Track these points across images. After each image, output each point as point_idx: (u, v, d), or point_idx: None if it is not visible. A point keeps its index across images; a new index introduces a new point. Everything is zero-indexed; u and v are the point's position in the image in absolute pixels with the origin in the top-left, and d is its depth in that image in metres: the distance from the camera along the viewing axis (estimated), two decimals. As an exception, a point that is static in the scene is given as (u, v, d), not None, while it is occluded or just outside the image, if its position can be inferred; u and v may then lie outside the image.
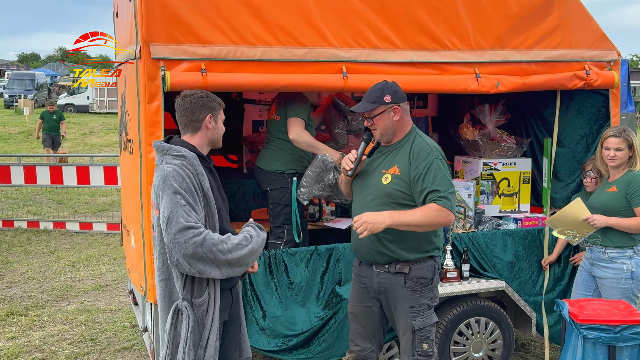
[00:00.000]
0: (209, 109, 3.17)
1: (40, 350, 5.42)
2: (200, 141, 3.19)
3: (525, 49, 4.48)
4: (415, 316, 3.55)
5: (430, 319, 3.59)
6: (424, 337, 3.56)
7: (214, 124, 3.19)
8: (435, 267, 3.60)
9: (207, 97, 3.18)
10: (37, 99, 36.57)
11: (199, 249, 2.87)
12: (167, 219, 2.89)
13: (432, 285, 3.59)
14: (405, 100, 3.59)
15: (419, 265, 3.54)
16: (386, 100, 3.50)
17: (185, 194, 2.93)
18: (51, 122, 15.93)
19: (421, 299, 3.56)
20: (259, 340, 4.04)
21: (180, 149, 3.06)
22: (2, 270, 7.92)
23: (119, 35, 4.85)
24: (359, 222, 3.36)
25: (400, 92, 3.57)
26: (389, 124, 3.54)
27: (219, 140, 3.27)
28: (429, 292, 3.58)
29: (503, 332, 4.64)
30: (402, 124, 3.58)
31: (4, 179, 10.27)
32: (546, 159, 5.08)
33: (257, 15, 3.85)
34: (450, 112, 6.10)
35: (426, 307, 3.58)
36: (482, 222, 4.98)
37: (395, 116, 3.53)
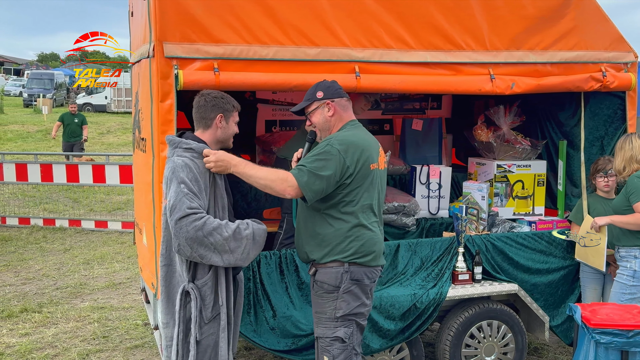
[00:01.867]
0: (221, 109, 3.33)
1: (53, 347, 5.46)
2: (210, 138, 3.36)
3: (541, 50, 4.44)
4: (317, 322, 3.47)
5: (330, 330, 3.38)
6: (324, 349, 3.42)
7: (224, 124, 3.35)
8: (343, 276, 3.35)
9: (221, 98, 3.34)
10: (56, 98, 36.92)
11: (199, 232, 3.04)
12: (172, 207, 3.07)
13: (336, 294, 3.36)
14: (341, 96, 3.51)
15: (323, 269, 3.40)
16: (318, 96, 3.49)
17: (190, 183, 3.11)
18: (72, 126, 14.23)
19: (323, 307, 3.41)
20: (269, 339, 4.03)
21: (190, 142, 3.25)
22: (18, 267, 7.99)
23: (134, 34, 4.88)
24: (210, 156, 3.23)
25: (334, 88, 3.51)
26: (322, 119, 3.50)
27: (229, 140, 3.42)
28: (332, 302, 3.37)
29: (515, 336, 4.60)
30: (338, 120, 3.50)
31: (21, 176, 10.38)
32: (561, 161, 5.03)
33: (270, 15, 3.85)
34: (464, 113, 6.07)
35: (328, 317, 3.39)
36: (496, 225, 4.94)
37: (329, 112, 3.48)
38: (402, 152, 5.75)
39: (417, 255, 4.41)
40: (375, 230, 3.46)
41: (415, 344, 4.40)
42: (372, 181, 3.42)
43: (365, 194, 3.39)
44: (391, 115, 6.01)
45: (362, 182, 3.36)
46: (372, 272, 3.43)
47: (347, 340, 3.39)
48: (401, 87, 4.18)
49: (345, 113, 3.54)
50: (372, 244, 3.41)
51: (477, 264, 4.48)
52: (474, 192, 4.98)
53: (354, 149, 3.33)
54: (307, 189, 3.27)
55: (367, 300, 3.44)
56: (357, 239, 3.36)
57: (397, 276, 4.35)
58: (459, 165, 6.07)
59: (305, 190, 3.27)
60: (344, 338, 3.38)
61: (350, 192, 3.35)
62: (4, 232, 9.81)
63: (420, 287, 4.33)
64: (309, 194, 3.27)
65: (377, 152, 3.50)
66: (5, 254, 8.58)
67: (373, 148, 3.46)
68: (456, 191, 5.66)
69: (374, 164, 3.43)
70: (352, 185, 3.34)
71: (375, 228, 3.45)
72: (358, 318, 3.42)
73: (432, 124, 5.81)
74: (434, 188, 5.27)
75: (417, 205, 5.11)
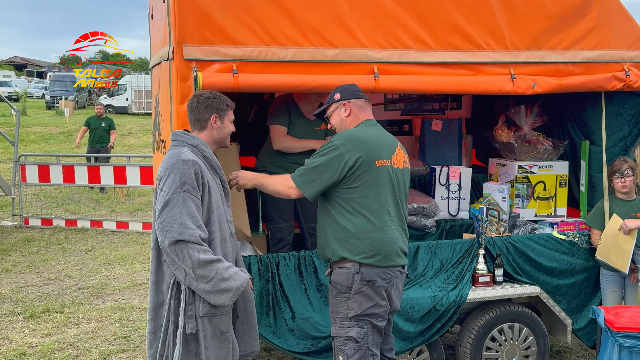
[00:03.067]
0: (215, 110, 3.32)
1: (75, 347, 5.51)
2: (207, 139, 3.34)
3: (562, 49, 4.39)
4: (333, 322, 3.49)
5: (344, 330, 3.40)
6: (338, 348, 3.44)
7: (219, 124, 3.34)
8: (354, 277, 3.36)
9: (214, 98, 3.33)
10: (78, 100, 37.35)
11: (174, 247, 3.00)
12: (165, 203, 3.04)
13: (349, 294, 3.37)
14: (358, 97, 3.57)
15: (337, 269, 3.43)
16: (335, 98, 3.57)
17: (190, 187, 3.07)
18: (99, 131, 12.98)
19: (337, 307, 3.44)
20: (288, 341, 4.03)
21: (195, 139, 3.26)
22: (40, 267, 8.09)
23: (154, 37, 4.91)
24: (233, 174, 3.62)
25: (351, 90, 3.58)
26: (339, 120, 3.58)
27: (226, 139, 3.43)
28: (345, 302, 3.39)
29: (537, 339, 4.55)
30: (353, 120, 3.55)
31: (43, 178, 10.51)
32: (583, 162, 4.97)
33: (288, 16, 3.85)
34: (484, 113, 6.02)
35: (342, 317, 3.41)
36: (517, 226, 4.90)
37: (345, 112, 3.55)
38: (422, 153, 5.73)
39: (437, 257, 4.38)
40: (387, 230, 3.40)
41: (435, 347, 4.37)
42: (380, 178, 3.39)
43: (374, 191, 3.37)
44: (410, 115, 5.98)
45: (368, 177, 3.35)
46: (386, 272, 3.40)
47: (360, 341, 3.39)
48: (420, 87, 4.16)
49: (362, 113, 3.57)
50: (382, 243, 3.37)
51: (498, 266, 4.44)
52: (494, 193, 4.93)
53: (355, 143, 3.36)
54: (303, 185, 3.39)
55: (381, 301, 3.41)
56: (364, 239, 3.35)
57: (416, 278, 4.32)
58: (479, 166, 6.02)
59: (302, 188, 3.39)
60: (357, 338, 3.38)
61: (353, 188, 3.36)
62: (27, 233, 9.94)
63: (440, 289, 4.30)
64: (305, 190, 3.39)
65: (389, 149, 3.47)
66: (28, 255, 8.69)
67: (383, 145, 3.45)
68: (476, 192, 5.61)
69: (382, 160, 3.40)
70: (355, 180, 3.35)
71: (387, 228, 3.40)
72: (372, 319, 3.40)
73: (451, 125, 5.77)
74: (453, 189, 5.23)
75: (437, 207, 5.08)
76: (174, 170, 3.08)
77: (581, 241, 4.62)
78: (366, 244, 3.35)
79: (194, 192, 3.08)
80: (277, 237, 4.86)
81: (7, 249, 8.90)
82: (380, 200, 3.39)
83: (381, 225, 3.39)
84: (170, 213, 3.03)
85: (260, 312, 3.98)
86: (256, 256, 4.03)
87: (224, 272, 3.08)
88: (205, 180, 3.16)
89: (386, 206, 3.41)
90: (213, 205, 3.20)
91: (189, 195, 3.06)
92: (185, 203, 3.04)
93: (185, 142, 3.24)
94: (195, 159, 3.15)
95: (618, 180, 4.55)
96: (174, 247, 3.01)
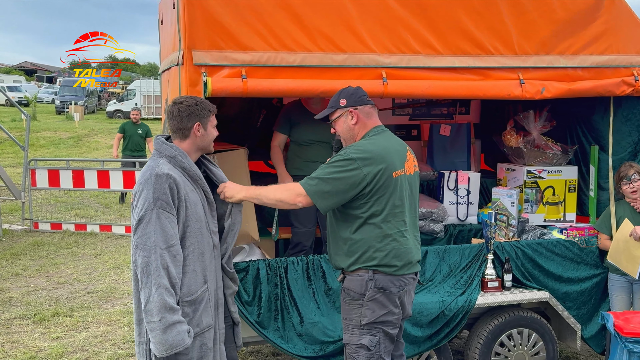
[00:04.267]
0: (197, 117, 3.21)
1: (84, 351, 5.53)
2: (189, 147, 3.24)
3: (571, 54, 4.39)
4: (345, 328, 3.45)
5: (356, 337, 3.36)
6: (350, 355, 3.41)
7: (202, 131, 3.25)
8: (368, 284, 3.32)
9: (195, 105, 3.23)
10: (87, 105, 37.59)
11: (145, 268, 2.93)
12: (139, 220, 2.97)
13: (362, 301, 3.34)
14: (365, 104, 3.46)
15: (351, 276, 3.39)
16: (341, 104, 3.46)
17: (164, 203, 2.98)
18: (135, 138, 11.92)
19: (350, 313, 3.40)
20: (297, 345, 4.03)
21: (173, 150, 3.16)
22: (50, 271, 8.13)
23: (164, 42, 4.94)
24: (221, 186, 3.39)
25: (358, 95, 3.46)
26: (346, 128, 3.47)
27: (209, 145, 3.33)
28: (358, 309, 3.35)
29: (546, 344, 4.53)
30: (361, 128, 3.46)
31: (53, 182, 10.56)
32: (592, 167, 4.95)
33: (297, 21, 3.86)
34: (493, 118, 6.01)
35: (354, 324, 3.37)
36: (526, 231, 4.88)
37: (352, 120, 3.44)
38: (430, 158, 5.72)
39: (445, 262, 4.38)
40: (404, 239, 3.37)
41: (443, 352, 4.36)
42: (396, 189, 3.34)
43: (390, 202, 3.32)
44: (419, 120, 5.98)
45: (385, 191, 3.29)
46: (401, 280, 3.37)
47: (372, 349, 3.36)
48: (429, 92, 4.16)
49: (369, 120, 3.48)
50: (399, 254, 3.34)
51: (506, 271, 4.42)
52: (503, 198, 4.92)
53: (372, 157, 3.27)
54: (316, 196, 3.26)
55: (394, 308, 3.38)
56: (381, 250, 3.31)
57: (425, 283, 4.32)
58: (488, 171, 6.01)
59: (315, 198, 3.26)
60: (369, 346, 3.35)
61: (371, 201, 3.29)
62: (37, 237, 9.99)
63: (449, 294, 4.29)
64: (319, 201, 3.26)
65: (401, 157, 3.42)
66: (37, 259, 8.73)
67: (396, 154, 3.39)
68: (485, 197, 5.60)
69: (398, 171, 3.35)
70: (372, 194, 3.28)
71: (403, 237, 3.37)
72: (385, 326, 3.38)
73: (460, 130, 5.77)
74: (462, 194, 5.23)
75: (445, 212, 5.08)
76: (147, 186, 3.00)
77: (581, 241, 4.60)
78: (382, 255, 3.32)
79: (168, 207, 3.00)
80: (294, 241, 4.90)
81: (17, 253, 8.95)
82: (396, 211, 3.34)
83: (397, 237, 3.35)
84: (145, 231, 2.95)
85: (268, 317, 3.98)
86: (264, 260, 4.04)
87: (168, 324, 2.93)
88: (181, 194, 3.07)
89: (402, 217, 3.37)
90: (190, 219, 3.12)
91: (163, 211, 2.98)
92: (160, 220, 2.96)
93: (163, 153, 3.16)
94: (170, 172, 3.05)
95: (626, 186, 4.53)
96: (145, 267, 2.94)
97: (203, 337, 3.19)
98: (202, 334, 3.18)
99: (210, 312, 3.24)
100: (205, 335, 3.20)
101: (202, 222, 3.19)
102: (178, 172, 3.12)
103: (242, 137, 5.36)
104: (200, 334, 3.17)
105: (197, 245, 3.15)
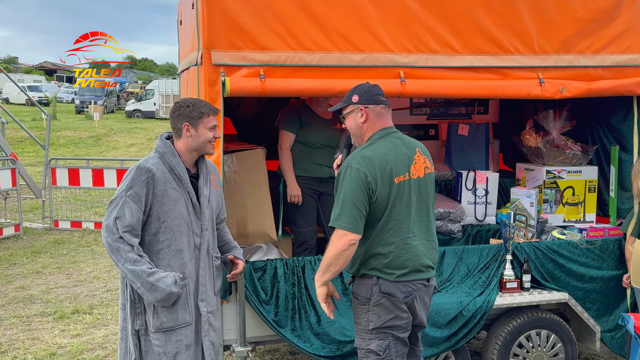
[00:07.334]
0: (187, 118, 3.31)
1: (103, 348, 5.59)
2: (183, 147, 3.36)
3: (592, 53, 4.35)
4: (356, 333, 3.43)
5: (365, 342, 3.33)
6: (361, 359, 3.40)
7: (193, 132, 3.33)
8: (373, 289, 3.28)
9: (187, 107, 3.33)
10: (107, 105, 37.93)
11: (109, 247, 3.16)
12: (110, 202, 3.21)
13: (368, 306, 3.30)
14: (377, 103, 3.35)
15: (358, 281, 3.37)
16: (353, 100, 3.36)
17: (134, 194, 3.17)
18: None
19: (358, 318, 3.37)
20: (314, 345, 4.04)
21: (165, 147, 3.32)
22: (70, 269, 8.22)
23: (183, 42, 4.97)
24: None
25: (371, 94, 3.35)
26: (354, 125, 3.38)
27: (204, 146, 3.38)
28: (365, 314, 3.32)
29: (565, 346, 4.49)
30: (369, 128, 3.36)
31: (73, 181, 10.67)
32: (613, 167, 4.90)
33: (315, 21, 3.87)
34: (512, 118, 5.96)
35: (363, 329, 3.34)
36: (545, 232, 4.84)
37: (361, 118, 3.34)
38: (448, 158, 5.70)
39: (463, 262, 4.36)
40: (408, 246, 3.29)
41: (461, 353, 4.34)
42: (399, 196, 3.25)
43: (391, 209, 3.24)
44: (437, 120, 5.96)
45: (387, 198, 3.22)
46: (407, 286, 3.30)
47: (382, 354, 3.31)
48: (447, 92, 4.14)
49: (379, 121, 3.37)
50: (402, 261, 3.27)
51: (525, 271, 4.39)
52: (522, 199, 4.89)
53: (371, 165, 3.20)
54: (353, 226, 3.17)
55: (402, 313, 3.31)
56: (383, 256, 3.26)
57: (442, 283, 4.30)
58: (507, 171, 5.97)
59: (355, 229, 3.17)
60: (377, 351, 3.30)
61: (371, 208, 3.23)
62: (57, 235, 10.10)
63: (467, 295, 4.27)
64: (357, 229, 3.18)
65: (406, 161, 3.30)
66: (57, 257, 8.83)
67: (399, 158, 3.28)
68: (504, 197, 5.57)
69: (400, 176, 3.26)
70: (374, 202, 3.22)
71: (407, 245, 3.29)
72: (394, 331, 3.32)
73: (478, 129, 5.74)
74: (480, 194, 5.20)
75: (463, 212, 5.05)
76: (129, 175, 3.23)
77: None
78: (385, 262, 3.26)
79: (136, 199, 3.17)
80: (299, 240, 4.90)
81: (37, 251, 9.06)
82: (399, 218, 3.26)
83: (400, 244, 3.27)
84: (109, 213, 3.19)
85: (285, 315, 4.00)
86: (282, 259, 4.05)
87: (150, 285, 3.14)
88: (158, 190, 3.22)
89: (406, 223, 3.29)
90: (168, 215, 3.25)
91: (131, 200, 3.16)
92: (124, 206, 3.16)
93: (157, 149, 3.34)
94: (152, 167, 3.23)
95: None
96: (109, 247, 3.16)
97: (179, 333, 3.29)
98: (177, 329, 3.29)
99: (188, 309, 3.32)
100: (182, 332, 3.29)
101: (182, 220, 3.30)
102: (164, 169, 3.27)
103: (259, 137, 5.38)
104: (176, 329, 3.28)
105: (174, 241, 3.28)
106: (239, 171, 4.61)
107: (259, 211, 4.61)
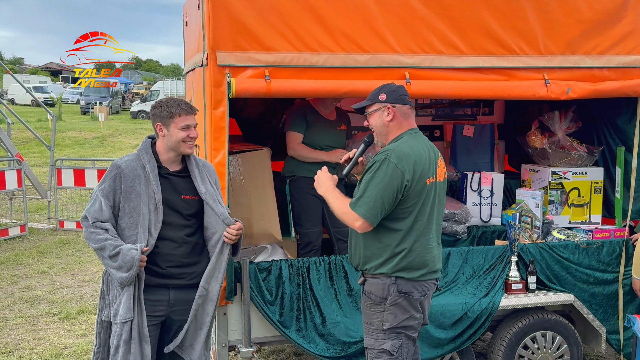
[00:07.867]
0: (159, 118, 3.39)
1: (108, 348, 5.59)
2: (161, 146, 3.45)
3: (597, 54, 4.34)
4: (366, 333, 3.41)
5: (378, 342, 3.32)
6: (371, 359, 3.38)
7: (165, 132, 3.39)
8: (390, 288, 3.28)
9: (160, 107, 3.40)
10: (112, 106, 38.02)
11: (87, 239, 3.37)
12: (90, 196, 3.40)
13: (384, 306, 3.30)
14: (405, 103, 3.38)
15: (371, 280, 3.35)
16: (380, 98, 3.37)
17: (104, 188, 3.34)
18: None
19: (371, 318, 3.35)
20: (319, 345, 4.04)
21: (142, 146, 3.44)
22: (75, 269, 8.24)
23: (188, 43, 4.98)
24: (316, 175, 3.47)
25: (399, 94, 3.38)
26: (380, 123, 3.39)
27: (178, 146, 3.41)
28: (379, 313, 3.31)
29: (571, 347, 4.48)
30: (396, 127, 3.38)
31: (79, 181, 10.69)
32: (619, 168, 4.89)
33: (320, 22, 3.87)
34: (517, 119, 5.96)
35: (376, 329, 3.33)
36: (551, 233, 4.83)
37: (388, 116, 3.36)
38: (453, 159, 5.69)
39: (468, 263, 4.35)
40: (429, 247, 3.32)
41: (466, 354, 4.34)
42: (428, 196, 3.29)
43: (420, 210, 3.26)
44: (442, 121, 5.95)
45: (417, 198, 3.24)
46: (423, 285, 3.33)
47: (395, 354, 3.32)
48: (452, 92, 4.14)
49: (406, 121, 3.41)
50: (423, 261, 3.30)
51: (530, 273, 4.38)
52: (527, 200, 4.88)
53: (410, 162, 3.21)
54: (371, 216, 3.19)
55: (416, 313, 3.35)
56: (406, 256, 3.27)
57: (447, 284, 4.29)
58: (512, 172, 5.96)
59: (370, 218, 3.19)
60: (391, 351, 3.32)
61: (403, 207, 3.24)
62: (62, 236, 10.13)
63: (472, 296, 4.26)
64: (374, 219, 3.20)
65: (434, 163, 3.35)
66: (63, 257, 8.86)
67: (429, 160, 3.32)
68: (509, 199, 5.56)
69: (430, 177, 3.30)
70: (406, 201, 3.23)
71: (429, 246, 3.32)
72: (407, 331, 3.34)
73: (483, 130, 5.73)
74: (485, 195, 5.19)
75: (468, 213, 5.05)
76: (107, 171, 3.40)
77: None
78: (408, 261, 3.27)
79: (104, 193, 3.33)
80: (304, 241, 4.89)
81: (43, 251, 9.08)
82: (424, 218, 3.28)
83: (425, 244, 3.30)
84: (87, 206, 3.38)
85: (290, 316, 4.00)
86: (287, 260, 4.05)
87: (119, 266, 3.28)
88: (125, 186, 3.33)
89: (430, 224, 3.33)
90: (133, 211, 3.35)
91: (101, 195, 3.33)
92: (95, 201, 3.33)
93: (139, 147, 3.45)
94: (123, 164, 3.36)
95: None
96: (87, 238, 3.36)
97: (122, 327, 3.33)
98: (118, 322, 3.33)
99: (131, 306, 3.34)
100: (124, 327, 3.32)
101: (139, 218, 3.34)
102: (135, 166, 3.36)
103: (264, 138, 5.39)
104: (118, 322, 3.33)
105: (130, 239, 3.36)
106: (244, 172, 4.62)
107: (264, 212, 4.61)
